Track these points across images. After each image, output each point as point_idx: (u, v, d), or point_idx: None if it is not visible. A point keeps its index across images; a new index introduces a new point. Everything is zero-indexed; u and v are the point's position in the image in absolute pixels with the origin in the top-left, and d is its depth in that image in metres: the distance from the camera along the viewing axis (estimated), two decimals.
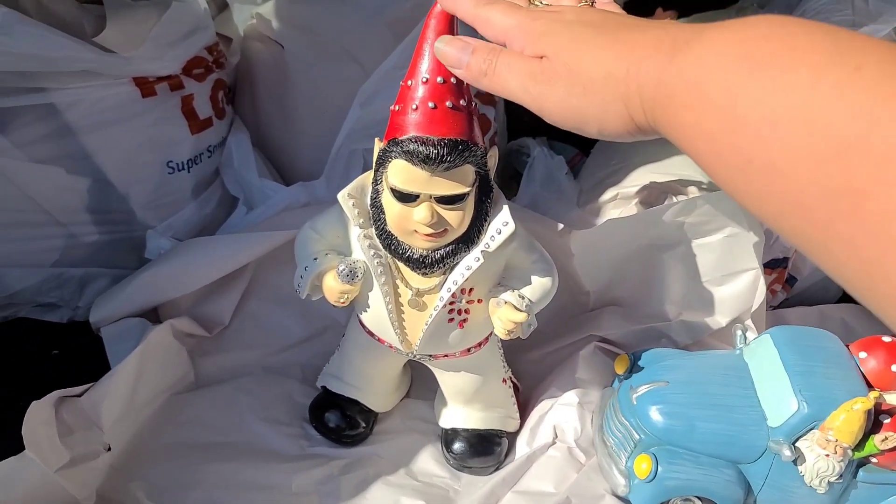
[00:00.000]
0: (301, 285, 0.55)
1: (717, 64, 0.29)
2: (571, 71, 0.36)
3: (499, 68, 0.39)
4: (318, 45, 0.81)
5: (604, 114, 0.35)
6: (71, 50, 0.64)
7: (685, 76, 0.30)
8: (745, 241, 0.65)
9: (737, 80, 0.28)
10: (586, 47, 0.36)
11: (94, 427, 0.58)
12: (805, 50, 0.27)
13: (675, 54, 0.31)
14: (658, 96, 0.32)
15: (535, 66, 0.37)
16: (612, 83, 0.34)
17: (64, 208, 0.72)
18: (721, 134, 0.29)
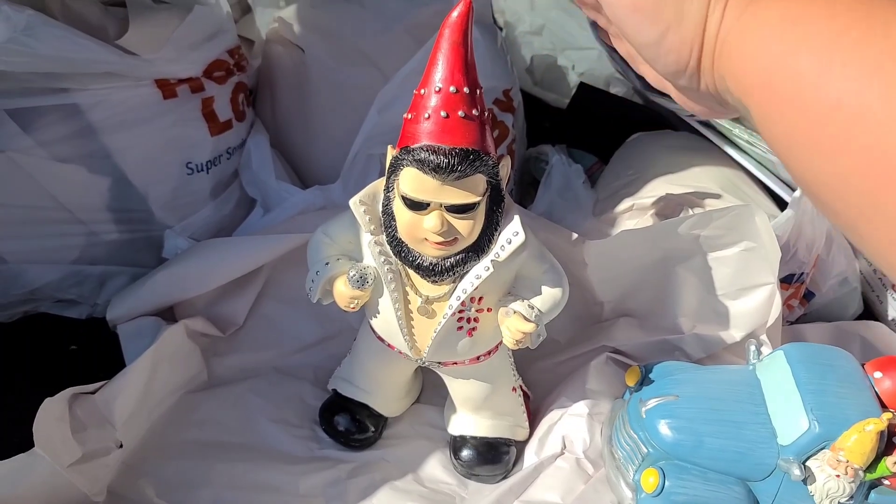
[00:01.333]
0: (312, 289, 0.55)
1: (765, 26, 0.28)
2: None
3: None
4: (339, 50, 0.82)
5: (682, 15, 0.33)
6: (94, 52, 0.65)
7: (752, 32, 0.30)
8: (762, 255, 0.64)
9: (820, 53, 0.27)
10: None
11: (106, 424, 0.59)
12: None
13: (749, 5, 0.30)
14: (727, 39, 0.31)
15: None
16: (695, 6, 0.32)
17: (85, 207, 0.73)
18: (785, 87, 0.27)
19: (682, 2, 0.33)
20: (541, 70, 1.26)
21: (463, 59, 0.46)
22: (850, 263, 0.84)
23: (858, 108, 0.24)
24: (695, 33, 0.33)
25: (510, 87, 0.88)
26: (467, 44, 0.47)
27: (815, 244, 0.73)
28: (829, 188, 0.27)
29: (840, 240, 0.83)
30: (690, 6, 0.33)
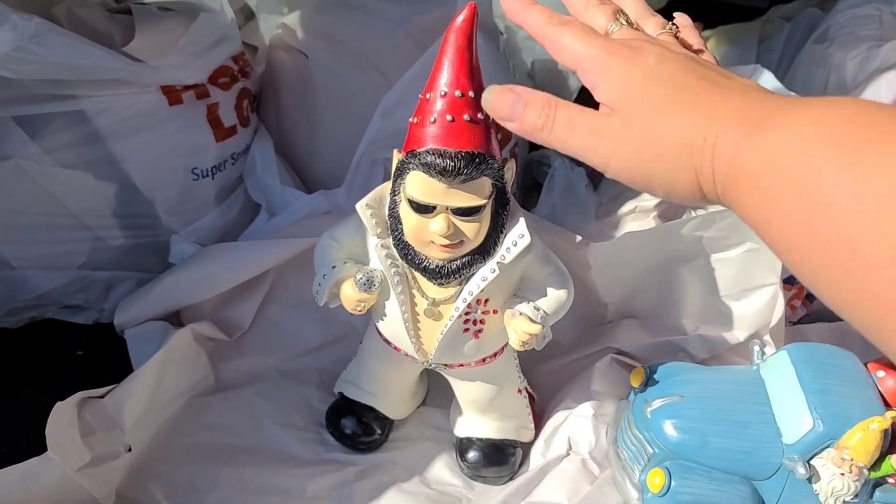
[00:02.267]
0: (319, 293, 0.56)
1: (801, 144, 0.28)
2: (645, 133, 0.33)
3: (557, 124, 0.36)
4: (342, 55, 0.82)
5: (674, 181, 0.33)
6: (101, 59, 0.66)
7: (765, 155, 0.29)
8: (765, 256, 0.65)
9: (821, 163, 0.26)
10: (663, 108, 0.33)
11: (115, 428, 0.60)
12: (889, 132, 0.26)
13: (754, 130, 0.30)
14: (732, 171, 0.30)
15: (602, 123, 0.35)
16: (688, 152, 0.32)
17: (91, 212, 0.74)
18: (800, 216, 0.27)
19: (672, 174, 0.33)
20: (542, 74, 1.27)
21: (468, 64, 0.47)
22: None
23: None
24: (694, 187, 0.33)
25: None
26: (472, 48, 0.47)
27: None
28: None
29: None
30: (679, 174, 0.33)
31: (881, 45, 0.92)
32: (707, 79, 0.33)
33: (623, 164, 0.34)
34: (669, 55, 0.35)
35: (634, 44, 0.36)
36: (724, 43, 1.34)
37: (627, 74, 0.34)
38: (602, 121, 0.35)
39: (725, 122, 0.31)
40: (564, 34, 0.37)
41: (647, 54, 0.35)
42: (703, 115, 0.32)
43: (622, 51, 0.35)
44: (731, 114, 0.31)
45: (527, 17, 0.40)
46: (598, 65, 0.35)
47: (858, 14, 1.00)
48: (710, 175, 0.31)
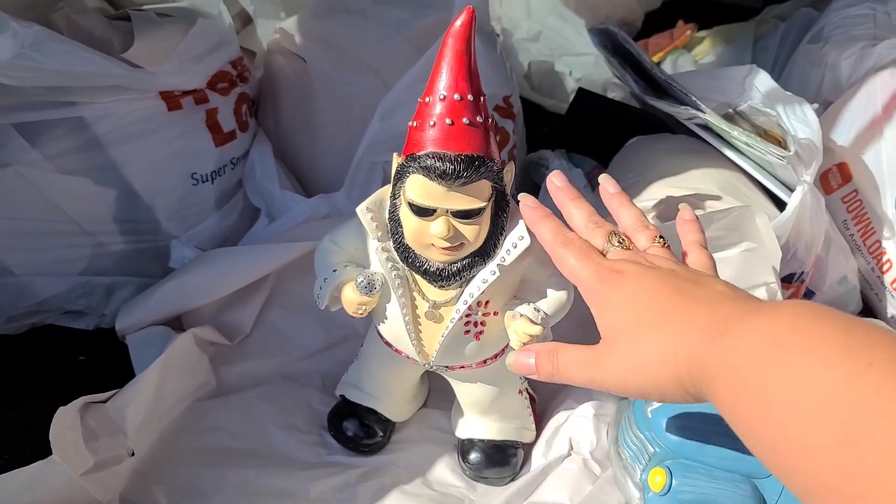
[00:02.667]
0: (320, 296, 0.56)
1: (750, 350, 0.32)
2: (627, 355, 0.39)
3: (561, 366, 0.43)
4: (340, 59, 0.83)
5: (662, 390, 0.38)
6: (100, 66, 0.66)
7: (723, 359, 0.34)
8: (763, 255, 0.65)
9: (765, 366, 0.31)
10: (639, 330, 0.38)
11: (118, 432, 0.60)
12: (822, 340, 0.30)
13: (715, 338, 0.34)
14: (701, 375, 0.35)
15: (593, 354, 0.41)
16: (665, 364, 0.37)
17: (91, 218, 0.74)
18: (753, 414, 0.32)
19: (659, 384, 0.38)
20: (538, 76, 1.28)
21: (467, 67, 0.47)
22: (848, 262, 0.85)
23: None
24: (681, 391, 0.37)
25: (510, 93, 0.89)
26: (471, 52, 0.48)
27: (814, 244, 0.74)
28: None
29: (838, 239, 0.84)
30: (665, 383, 0.37)
31: (875, 44, 0.92)
32: (679, 292, 0.39)
33: (615, 381, 0.40)
34: (648, 275, 0.41)
35: (621, 266, 0.42)
36: (720, 43, 1.35)
37: (612, 301, 0.41)
38: (594, 352, 0.41)
39: (692, 331, 0.36)
40: (567, 255, 0.44)
41: (628, 278, 0.41)
42: (674, 328, 0.37)
43: (610, 276, 0.41)
44: (698, 324, 0.36)
45: (539, 229, 0.47)
46: (591, 291, 0.42)
47: (852, 13, 1.01)
48: (688, 379, 0.36)
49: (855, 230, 0.87)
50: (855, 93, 0.90)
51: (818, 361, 0.29)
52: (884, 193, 0.84)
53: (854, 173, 0.87)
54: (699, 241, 0.47)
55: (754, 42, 1.30)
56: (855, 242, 0.87)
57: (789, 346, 0.31)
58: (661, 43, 1.40)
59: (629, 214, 0.47)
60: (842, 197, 0.89)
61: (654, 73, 0.81)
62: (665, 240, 0.45)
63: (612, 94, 1.21)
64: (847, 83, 0.93)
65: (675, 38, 1.39)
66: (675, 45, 1.37)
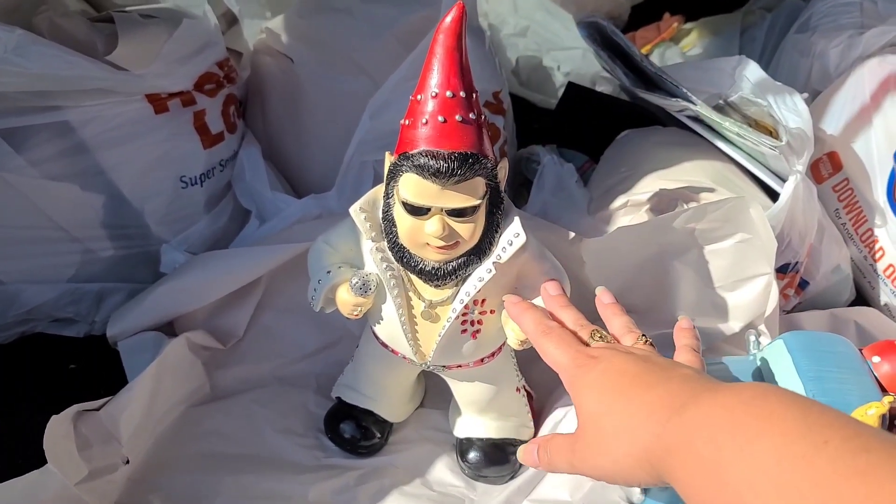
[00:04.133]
0: (315, 298, 0.55)
1: (706, 426, 0.33)
2: (595, 437, 0.40)
3: (552, 456, 0.44)
4: (328, 58, 0.82)
5: (628, 471, 0.38)
6: (84, 69, 0.65)
7: (679, 435, 0.34)
8: (757, 246, 0.65)
9: (721, 441, 0.32)
10: (608, 412, 0.39)
11: (112, 440, 0.59)
12: (779, 419, 0.30)
13: (670, 419, 0.35)
14: (660, 454, 0.35)
15: (570, 440, 0.42)
16: (625, 445, 0.38)
17: (79, 224, 0.73)
18: (708, 490, 0.32)
19: (627, 464, 0.38)
20: (526, 71, 1.27)
21: (458, 64, 0.47)
22: (841, 251, 0.85)
23: None
24: (648, 470, 0.37)
25: (499, 89, 0.89)
26: (462, 48, 0.47)
27: (807, 233, 0.74)
28: None
29: (832, 229, 0.84)
30: (632, 463, 0.38)
31: (862, 32, 0.92)
32: (640, 375, 0.40)
33: (591, 468, 0.41)
34: (618, 357, 0.42)
35: (596, 352, 0.43)
36: (707, 35, 1.35)
37: (583, 384, 0.42)
38: (573, 438, 0.42)
39: (652, 410, 0.37)
40: (548, 344, 0.46)
41: (600, 361, 0.42)
42: (637, 409, 0.38)
43: (584, 360, 0.43)
44: (653, 406, 0.37)
45: (522, 320, 0.49)
46: (568, 374, 0.43)
47: (839, 2, 1.01)
48: (646, 458, 0.36)
49: (847, 219, 0.87)
50: (843, 81, 0.90)
51: (774, 438, 0.30)
52: (874, 181, 0.85)
53: (844, 162, 0.88)
54: (692, 346, 0.48)
55: (741, 33, 1.30)
56: (847, 231, 0.87)
57: (746, 422, 0.31)
58: (648, 36, 1.39)
59: (619, 321, 0.49)
60: (832, 186, 0.89)
61: (645, 65, 0.80)
62: (649, 339, 0.47)
63: (600, 87, 1.21)
64: (835, 72, 0.93)
65: (662, 30, 1.38)
66: (662, 38, 1.37)
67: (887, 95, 0.85)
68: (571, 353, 0.44)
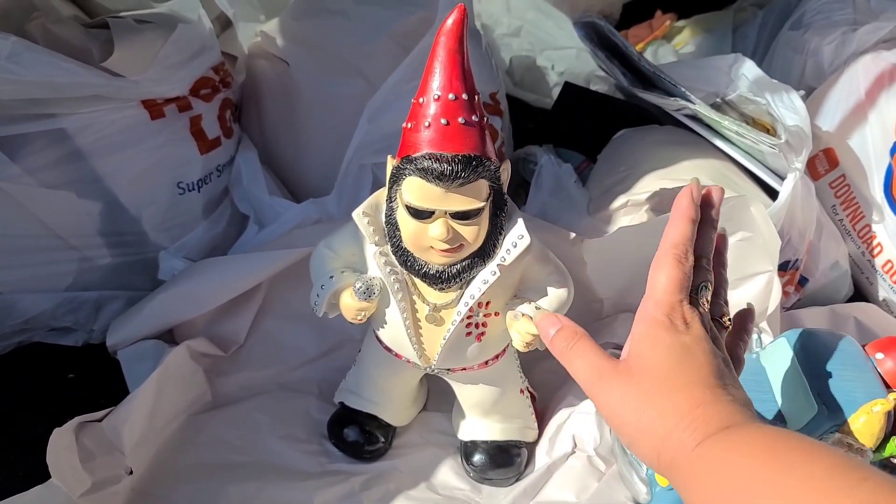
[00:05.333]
0: (318, 304, 0.55)
1: (749, 450, 0.33)
2: (634, 392, 0.38)
3: (574, 351, 0.42)
4: (324, 61, 0.81)
5: (640, 439, 0.38)
6: (79, 75, 0.65)
7: (712, 456, 0.34)
8: (758, 244, 0.65)
9: (753, 477, 0.32)
10: (661, 383, 0.38)
11: (115, 451, 0.58)
12: (819, 457, 0.31)
13: (713, 435, 0.35)
14: (684, 461, 0.35)
15: (606, 367, 0.40)
16: (658, 425, 0.37)
17: (76, 232, 0.72)
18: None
19: (640, 429, 0.38)
20: (520, 71, 1.27)
21: (460, 66, 0.47)
22: (839, 248, 0.85)
23: None
24: (653, 452, 0.37)
25: (496, 90, 0.89)
26: (463, 51, 0.47)
27: (806, 230, 0.74)
28: None
29: (829, 226, 0.84)
30: (646, 433, 0.38)
31: (856, 28, 0.93)
32: (712, 376, 0.39)
33: (607, 405, 0.40)
34: (703, 343, 0.40)
35: (691, 318, 0.40)
36: (699, 32, 1.35)
37: (660, 339, 0.39)
38: (609, 366, 0.40)
39: (697, 419, 0.36)
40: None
41: (689, 332, 0.40)
42: (684, 406, 0.37)
43: (677, 320, 0.40)
44: (706, 415, 0.36)
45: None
46: (653, 316, 0.40)
47: None
48: (669, 453, 0.36)
49: (844, 215, 0.88)
50: (838, 78, 0.90)
51: (815, 471, 0.30)
52: (871, 177, 0.85)
53: (841, 158, 0.88)
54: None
55: (733, 30, 1.30)
56: (844, 227, 0.88)
57: (782, 458, 0.32)
58: (640, 34, 1.40)
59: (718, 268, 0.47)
60: (829, 182, 0.89)
61: (642, 65, 0.80)
62: (731, 321, 0.46)
63: (595, 86, 1.21)
64: (829, 69, 0.94)
65: (655, 28, 1.39)
66: (654, 36, 1.37)
67: (882, 92, 0.85)
68: (676, 294, 0.41)
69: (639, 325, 0.41)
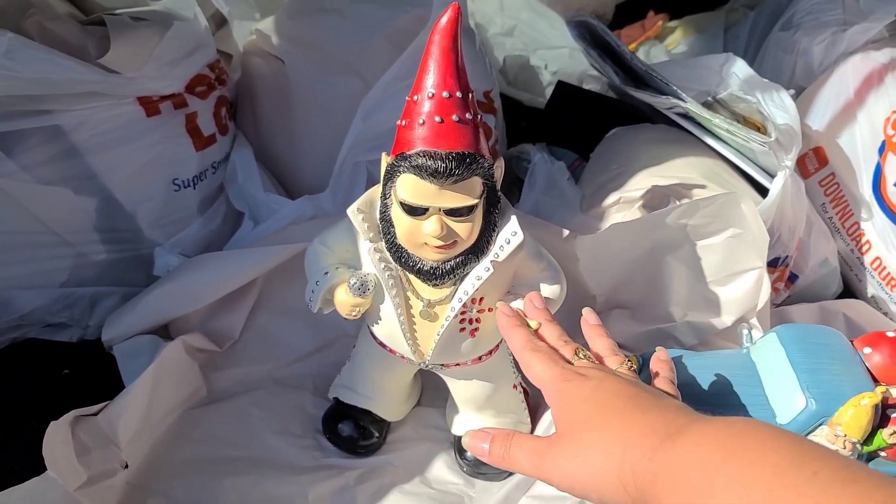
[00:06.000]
0: (313, 300, 0.56)
1: (698, 454, 0.33)
2: (575, 446, 0.39)
3: (512, 451, 0.43)
4: (319, 59, 0.82)
5: (602, 485, 0.38)
6: (77, 72, 0.65)
7: (670, 461, 0.35)
8: (749, 241, 0.66)
9: (711, 469, 0.32)
10: (591, 425, 0.39)
11: (111, 445, 0.59)
12: (770, 449, 0.31)
13: (663, 442, 0.35)
14: (647, 477, 0.35)
15: (543, 445, 0.41)
16: (610, 461, 0.37)
17: (72, 228, 0.73)
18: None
19: (600, 480, 0.38)
20: (514, 70, 1.28)
21: (454, 64, 0.47)
22: (829, 245, 0.86)
23: None
24: (620, 491, 0.37)
25: (490, 88, 0.89)
26: (457, 49, 0.47)
27: (796, 228, 0.75)
28: None
29: (819, 223, 0.85)
30: (606, 481, 0.37)
31: (845, 29, 0.94)
32: (635, 398, 0.40)
33: (562, 477, 0.40)
34: (609, 378, 0.42)
35: (585, 371, 0.43)
36: (691, 32, 1.36)
37: (571, 397, 0.41)
38: (545, 442, 0.41)
39: (641, 434, 0.37)
40: (533, 360, 0.45)
41: (590, 379, 0.42)
42: (623, 428, 0.38)
43: (573, 377, 0.42)
44: (646, 428, 0.37)
45: (511, 335, 0.47)
46: (553, 389, 0.42)
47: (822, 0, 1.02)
48: (631, 479, 0.36)
49: (833, 213, 0.89)
50: (827, 78, 0.91)
51: (766, 468, 0.30)
52: (860, 175, 0.86)
53: (830, 157, 0.89)
54: (669, 378, 0.47)
55: (725, 30, 1.31)
56: (834, 225, 0.89)
57: (738, 452, 0.32)
58: (633, 34, 1.40)
59: (604, 343, 0.48)
60: (819, 181, 0.90)
61: (635, 64, 0.81)
62: (631, 362, 0.46)
63: (588, 85, 1.22)
64: (819, 69, 0.95)
65: (647, 28, 1.39)
66: (647, 36, 1.38)
67: (871, 91, 0.87)
68: (558, 369, 0.43)
69: (550, 401, 0.43)
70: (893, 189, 0.82)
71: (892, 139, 0.83)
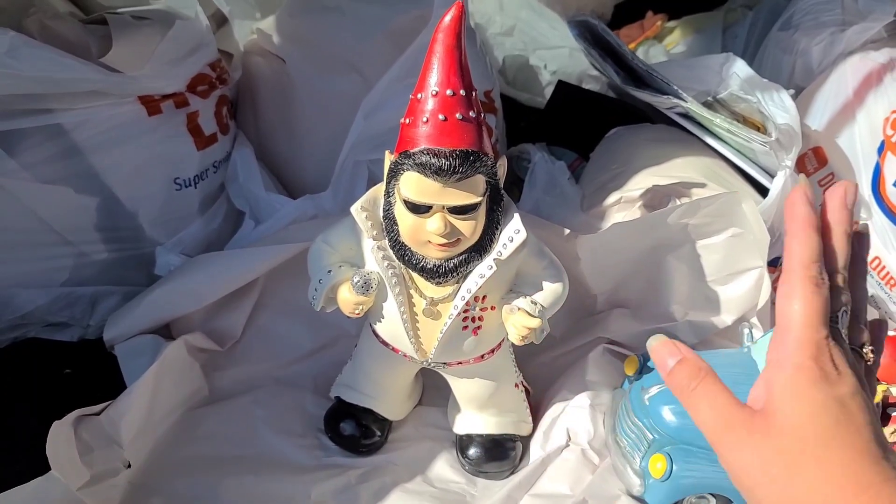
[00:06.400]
0: (316, 298, 0.56)
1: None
2: (773, 452, 0.34)
3: (698, 393, 0.37)
4: (320, 58, 0.82)
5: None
6: (78, 71, 0.65)
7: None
8: (749, 240, 0.66)
9: None
10: (810, 448, 0.33)
11: (113, 444, 0.59)
12: None
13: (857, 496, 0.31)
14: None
15: (736, 417, 0.35)
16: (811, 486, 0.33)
17: (73, 227, 0.72)
18: None
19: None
20: (513, 70, 1.28)
21: (458, 62, 0.48)
22: None
23: None
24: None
25: (491, 88, 0.89)
26: (461, 47, 0.48)
27: None
28: None
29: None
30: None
31: (844, 29, 0.94)
32: (867, 425, 0.34)
33: (735, 458, 0.35)
34: (858, 397, 0.34)
35: (842, 367, 0.35)
36: (690, 33, 1.37)
37: (810, 393, 0.34)
38: (740, 415, 0.35)
39: (858, 472, 0.32)
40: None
41: (843, 385, 0.34)
42: (847, 489, 0.32)
43: (829, 368, 0.35)
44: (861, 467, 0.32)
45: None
46: (796, 363, 0.35)
47: (821, 0, 1.03)
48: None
49: None
50: (826, 78, 0.91)
51: None
52: (859, 175, 0.86)
53: (829, 157, 0.89)
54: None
55: (724, 30, 1.31)
56: None
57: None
58: (631, 34, 1.41)
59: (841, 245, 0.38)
60: (818, 180, 0.90)
61: (635, 63, 0.81)
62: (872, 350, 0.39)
63: (587, 85, 1.22)
64: (818, 68, 0.95)
65: (646, 28, 1.40)
66: (646, 36, 1.38)
67: (870, 91, 0.87)
68: (818, 340, 0.35)
69: (778, 372, 0.35)
70: (892, 189, 0.82)
71: (891, 139, 0.83)
